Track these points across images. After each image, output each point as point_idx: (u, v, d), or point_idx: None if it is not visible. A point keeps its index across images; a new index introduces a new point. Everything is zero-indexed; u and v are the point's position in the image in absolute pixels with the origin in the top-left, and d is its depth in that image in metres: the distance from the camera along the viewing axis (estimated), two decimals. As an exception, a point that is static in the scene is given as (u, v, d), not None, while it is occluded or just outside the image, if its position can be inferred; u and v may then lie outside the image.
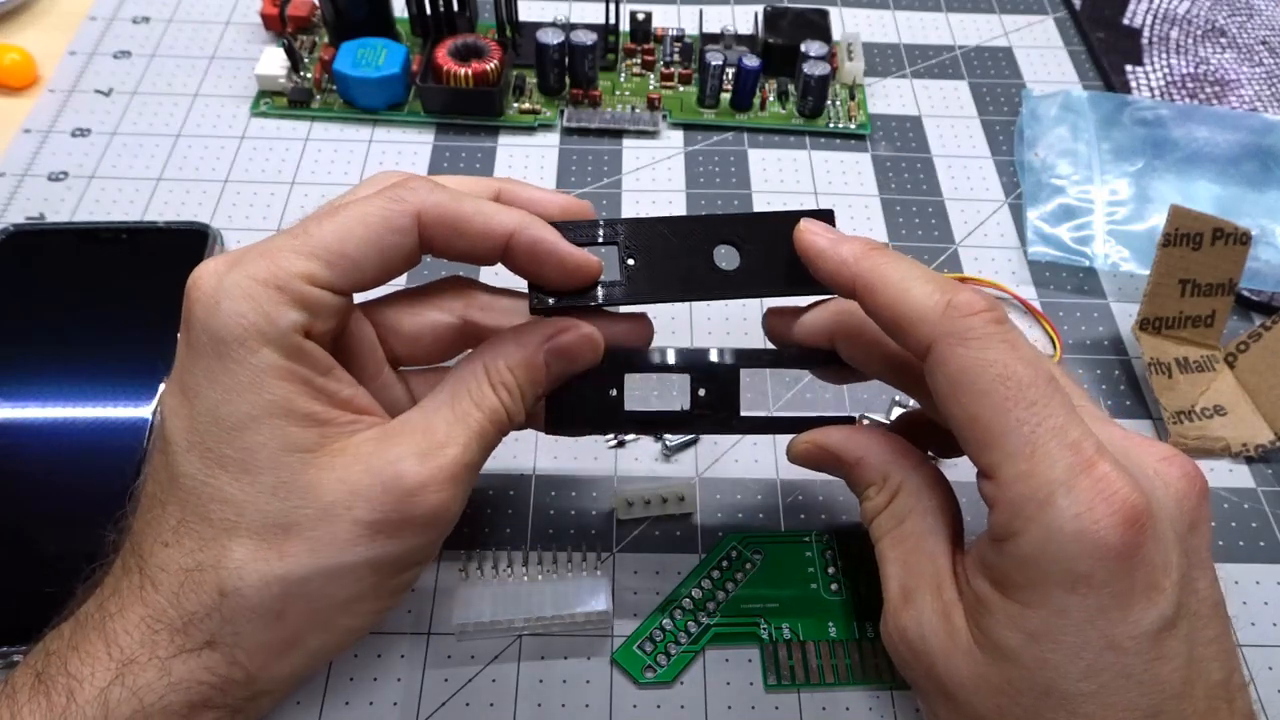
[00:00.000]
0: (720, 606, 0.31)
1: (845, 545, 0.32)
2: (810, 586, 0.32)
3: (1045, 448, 0.22)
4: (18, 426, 0.34)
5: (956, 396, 0.23)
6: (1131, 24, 0.54)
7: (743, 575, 0.32)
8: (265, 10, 0.49)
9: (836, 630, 0.31)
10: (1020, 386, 0.23)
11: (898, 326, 0.24)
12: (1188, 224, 0.37)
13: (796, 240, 0.27)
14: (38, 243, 0.39)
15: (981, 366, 0.23)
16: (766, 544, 0.32)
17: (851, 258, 0.26)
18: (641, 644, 0.30)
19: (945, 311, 0.23)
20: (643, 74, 0.49)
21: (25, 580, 0.31)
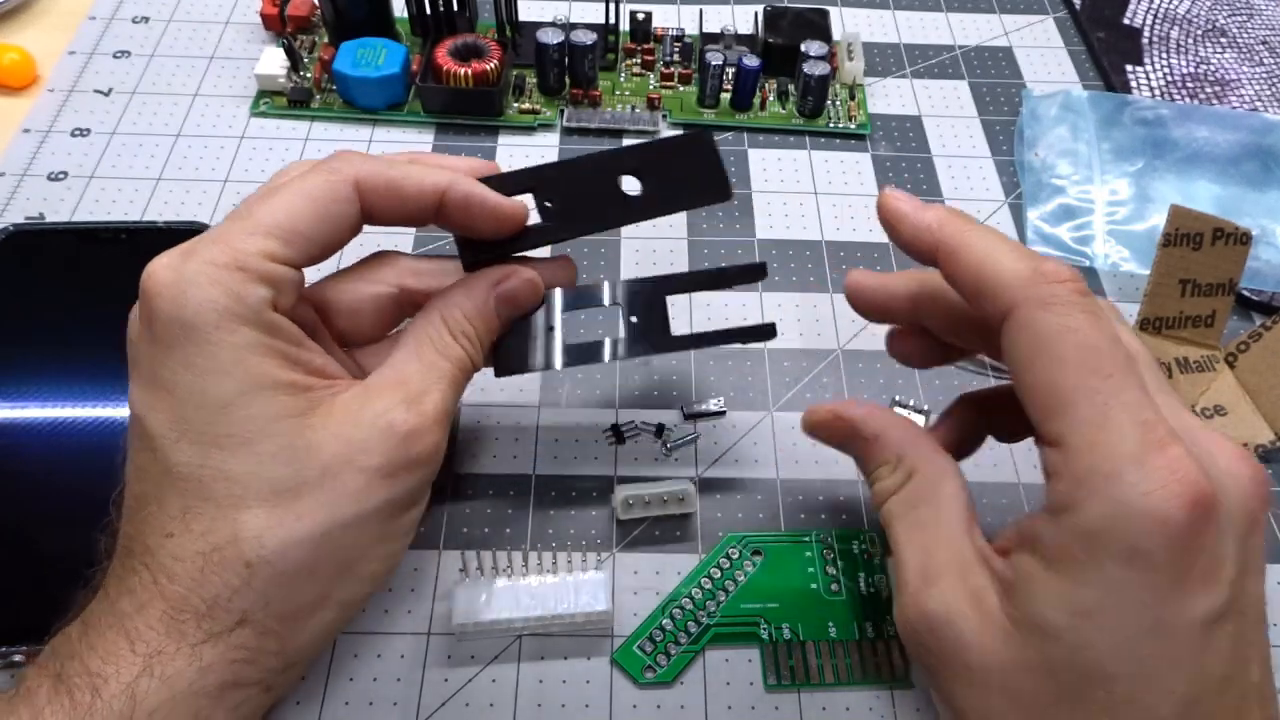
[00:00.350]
0: (720, 607, 0.31)
1: (845, 546, 0.32)
2: (811, 586, 0.32)
3: (1117, 420, 0.22)
4: (17, 426, 0.34)
5: (1032, 361, 0.23)
6: (1132, 24, 0.54)
7: (743, 576, 0.32)
8: (265, 10, 0.49)
9: (837, 630, 0.31)
10: (1099, 357, 0.22)
11: (980, 290, 0.24)
12: (1188, 224, 0.37)
13: (880, 206, 0.27)
14: (37, 242, 0.39)
15: (1062, 333, 0.23)
16: (766, 544, 0.32)
17: (936, 223, 0.26)
18: (641, 644, 0.30)
19: (1031, 276, 0.23)
20: (643, 74, 0.49)
21: (25, 580, 0.31)
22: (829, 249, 0.43)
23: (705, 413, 0.37)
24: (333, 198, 0.26)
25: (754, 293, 0.41)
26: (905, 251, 0.27)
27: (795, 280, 0.41)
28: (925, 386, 0.38)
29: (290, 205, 0.25)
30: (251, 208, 0.25)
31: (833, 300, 0.41)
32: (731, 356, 0.39)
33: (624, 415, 0.37)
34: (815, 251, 0.43)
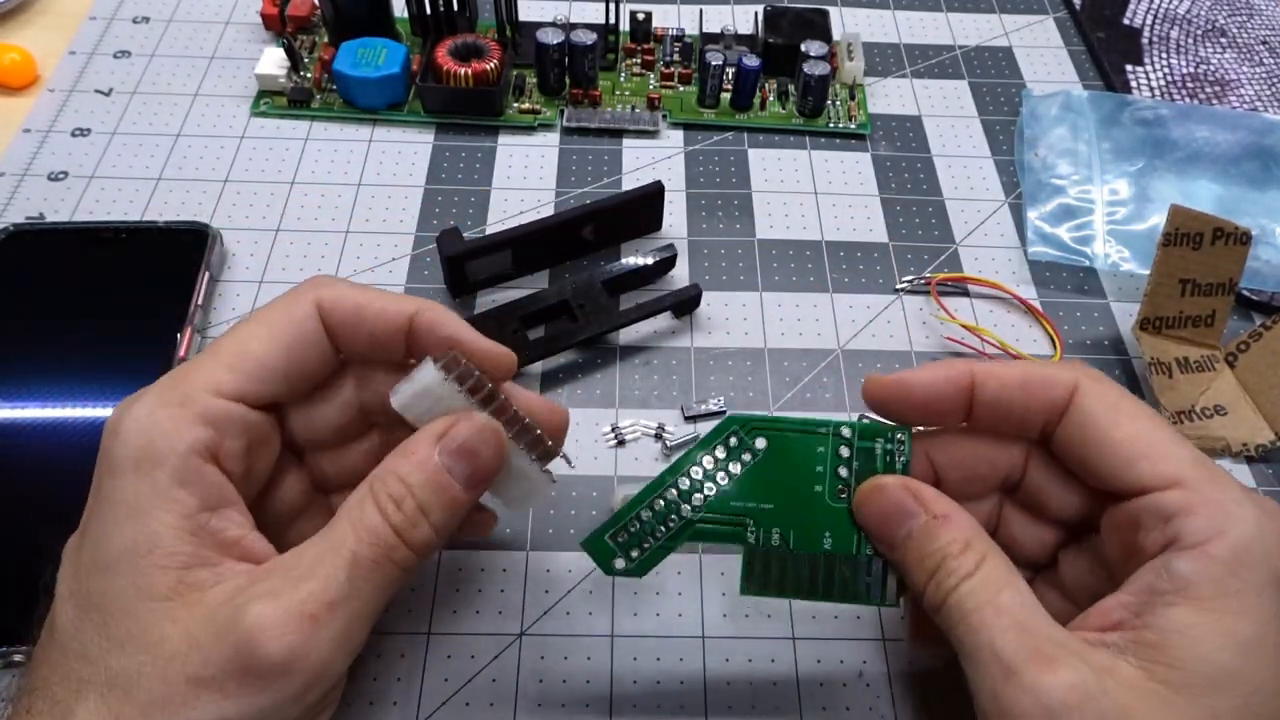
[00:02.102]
0: (707, 501, 0.27)
1: (868, 444, 0.27)
2: (815, 489, 0.27)
3: (1209, 463, 0.23)
4: (18, 426, 0.34)
5: (1118, 419, 0.24)
6: (1132, 24, 0.54)
7: (739, 467, 0.27)
8: (265, 10, 0.49)
9: (831, 542, 0.27)
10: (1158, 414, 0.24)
11: (1032, 386, 0.25)
12: (1188, 224, 0.37)
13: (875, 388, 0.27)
14: (38, 242, 0.39)
15: (1127, 397, 0.25)
16: (773, 432, 0.27)
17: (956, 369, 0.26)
18: (616, 534, 0.27)
19: (1075, 364, 0.26)
20: (643, 74, 0.49)
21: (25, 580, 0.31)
22: (829, 249, 0.43)
23: (705, 413, 0.37)
24: (291, 321, 0.24)
25: (754, 292, 0.41)
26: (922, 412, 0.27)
27: (795, 280, 0.41)
28: (925, 386, 0.38)
29: (247, 333, 0.24)
30: (217, 342, 0.24)
31: (832, 300, 0.41)
32: (731, 357, 0.39)
33: (624, 416, 0.37)
34: (815, 251, 0.43)
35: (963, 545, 0.24)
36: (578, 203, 0.43)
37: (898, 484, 0.26)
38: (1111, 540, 0.25)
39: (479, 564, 0.32)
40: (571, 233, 0.41)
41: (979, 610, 0.23)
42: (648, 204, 0.42)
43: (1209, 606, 0.21)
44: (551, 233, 0.40)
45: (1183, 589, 0.22)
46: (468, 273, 0.39)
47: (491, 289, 0.40)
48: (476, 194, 0.44)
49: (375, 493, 0.23)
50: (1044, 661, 0.21)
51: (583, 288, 0.39)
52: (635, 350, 0.39)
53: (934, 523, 0.25)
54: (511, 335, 0.37)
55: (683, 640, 0.31)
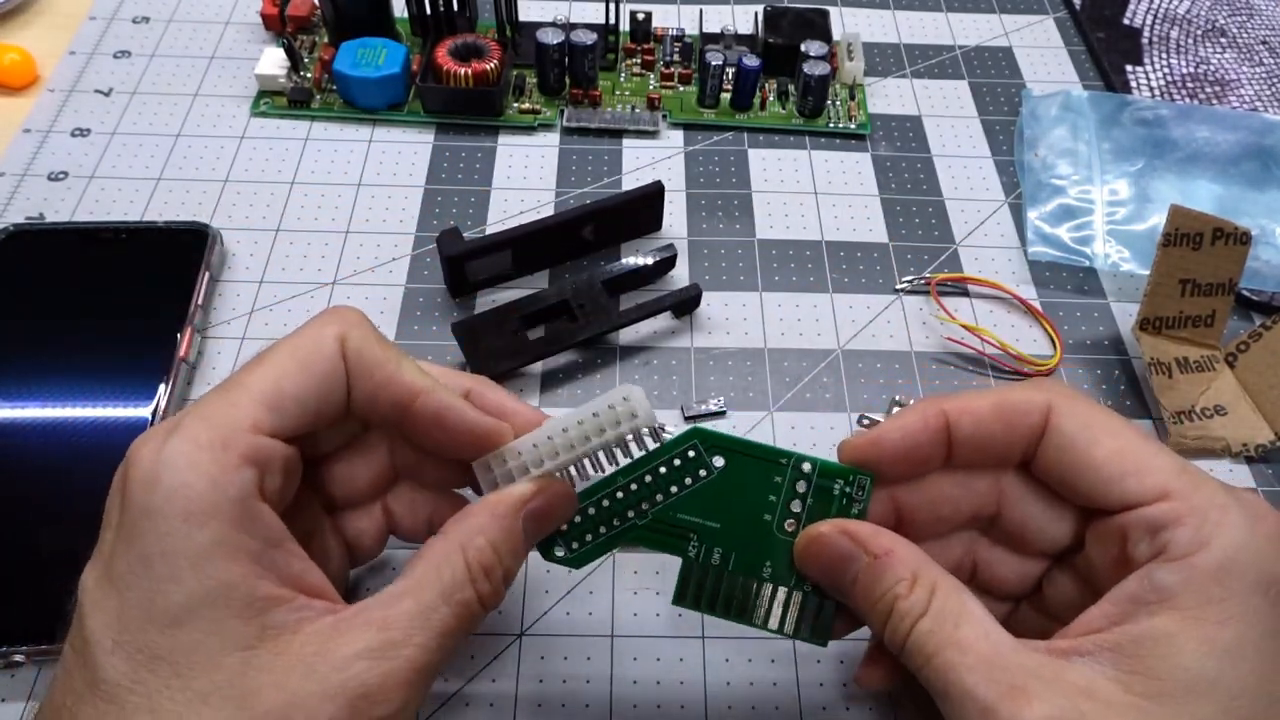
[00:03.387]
0: (654, 509, 0.27)
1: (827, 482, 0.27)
2: (764, 517, 0.27)
3: (1193, 470, 0.23)
4: (18, 426, 0.34)
5: (1097, 436, 0.24)
6: (1131, 24, 0.54)
7: (692, 481, 0.27)
8: (265, 10, 0.49)
9: (771, 571, 0.27)
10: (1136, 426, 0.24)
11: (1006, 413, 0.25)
12: (1188, 224, 0.37)
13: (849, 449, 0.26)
14: (37, 242, 0.39)
15: (1102, 412, 0.25)
16: (733, 453, 0.27)
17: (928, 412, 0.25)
18: None
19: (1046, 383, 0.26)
20: (643, 74, 0.49)
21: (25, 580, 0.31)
22: (829, 249, 0.43)
23: (705, 413, 0.37)
24: (319, 353, 0.24)
25: (754, 292, 0.41)
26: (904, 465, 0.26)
27: (795, 280, 0.41)
28: (926, 387, 0.38)
29: (276, 367, 0.23)
30: (239, 375, 0.23)
31: (832, 300, 0.41)
32: (731, 357, 0.39)
33: (624, 415, 0.37)
34: (815, 251, 0.43)
35: (910, 583, 0.23)
36: (578, 203, 0.43)
37: (832, 530, 0.25)
38: (1098, 555, 0.25)
39: (479, 564, 0.32)
40: (571, 233, 0.41)
41: (941, 651, 0.22)
42: (648, 204, 0.42)
43: (1191, 615, 0.21)
44: (551, 233, 0.40)
45: (1166, 599, 0.22)
46: (468, 273, 0.39)
47: (491, 289, 0.41)
48: (476, 194, 0.44)
49: (468, 560, 0.23)
50: (1019, 696, 0.21)
51: (583, 288, 0.39)
52: (635, 350, 0.39)
53: (876, 564, 0.24)
54: (512, 335, 0.37)
55: (682, 640, 0.31)
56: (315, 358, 0.24)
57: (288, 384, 0.23)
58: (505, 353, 0.37)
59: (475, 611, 0.23)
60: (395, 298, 0.40)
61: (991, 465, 0.26)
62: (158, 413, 0.34)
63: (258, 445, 0.22)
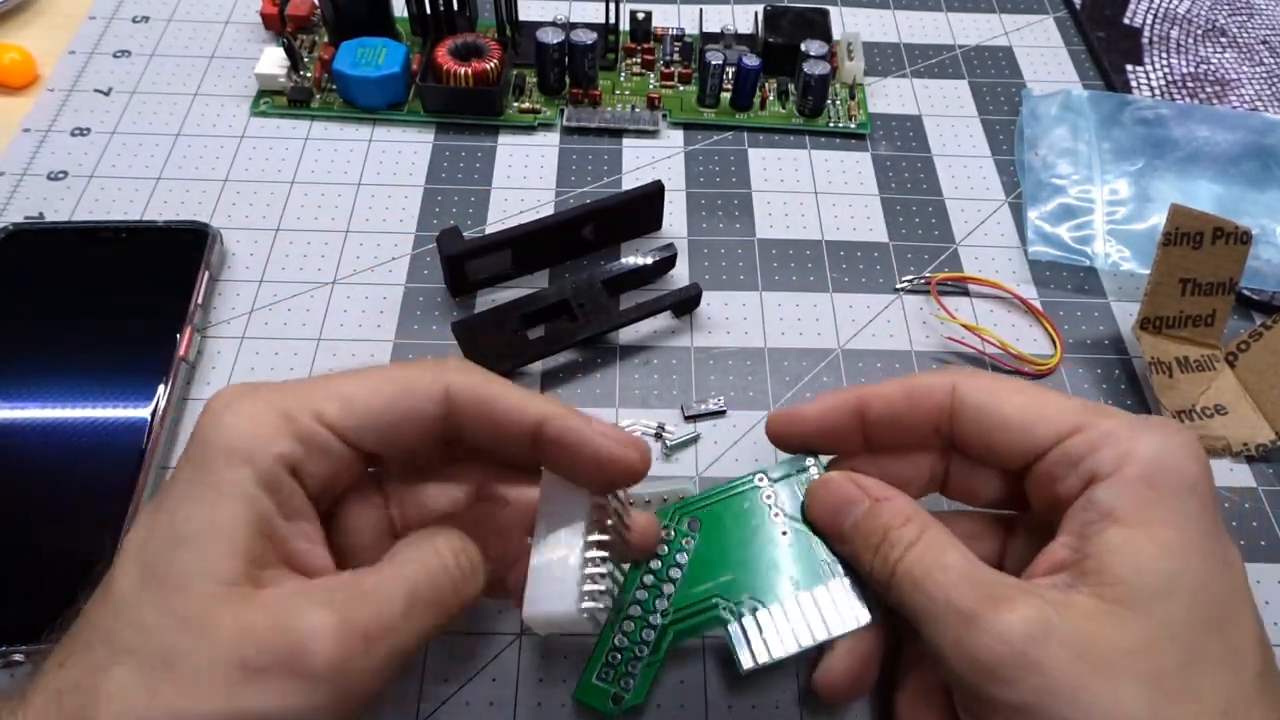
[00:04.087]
0: (671, 601, 0.27)
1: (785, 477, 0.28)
2: (759, 542, 0.28)
3: (1096, 405, 0.25)
4: (17, 426, 0.34)
5: (1002, 398, 0.26)
6: (1132, 23, 0.54)
7: (684, 555, 0.28)
8: (265, 9, 0.49)
9: (802, 581, 0.27)
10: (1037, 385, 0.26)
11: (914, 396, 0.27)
12: (1188, 223, 0.37)
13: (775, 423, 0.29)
14: (37, 242, 0.39)
15: (1004, 379, 0.27)
16: (698, 510, 0.28)
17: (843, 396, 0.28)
18: (601, 673, 0.27)
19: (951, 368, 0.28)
20: (643, 73, 0.49)
21: (25, 580, 0.31)
22: (829, 249, 0.43)
23: (705, 413, 0.37)
24: (416, 389, 0.24)
25: (754, 292, 0.41)
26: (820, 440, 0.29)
27: (795, 280, 0.41)
28: (925, 386, 0.38)
29: (368, 381, 0.24)
30: (334, 374, 0.24)
31: (832, 300, 0.41)
32: (731, 356, 0.39)
33: (624, 416, 0.37)
34: (815, 251, 0.43)
35: (904, 519, 0.25)
36: (578, 202, 0.43)
37: (842, 476, 0.28)
38: (1040, 504, 0.26)
39: (479, 564, 0.32)
40: (571, 232, 0.41)
41: (928, 574, 0.24)
42: (648, 204, 0.42)
43: (1134, 521, 0.23)
44: (551, 232, 0.40)
45: (1108, 514, 0.23)
46: (468, 272, 0.39)
47: (491, 289, 0.40)
48: (476, 194, 0.44)
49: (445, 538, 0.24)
50: (1001, 602, 0.22)
51: (583, 287, 0.39)
52: (635, 350, 0.39)
53: (876, 505, 0.26)
54: (511, 335, 0.37)
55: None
56: (409, 393, 0.24)
57: (370, 397, 0.24)
58: (505, 352, 0.37)
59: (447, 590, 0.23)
60: (395, 297, 0.40)
61: (912, 444, 0.28)
62: (157, 412, 0.34)
63: (313, 430, 0.23)
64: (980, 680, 0.22)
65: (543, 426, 0.24)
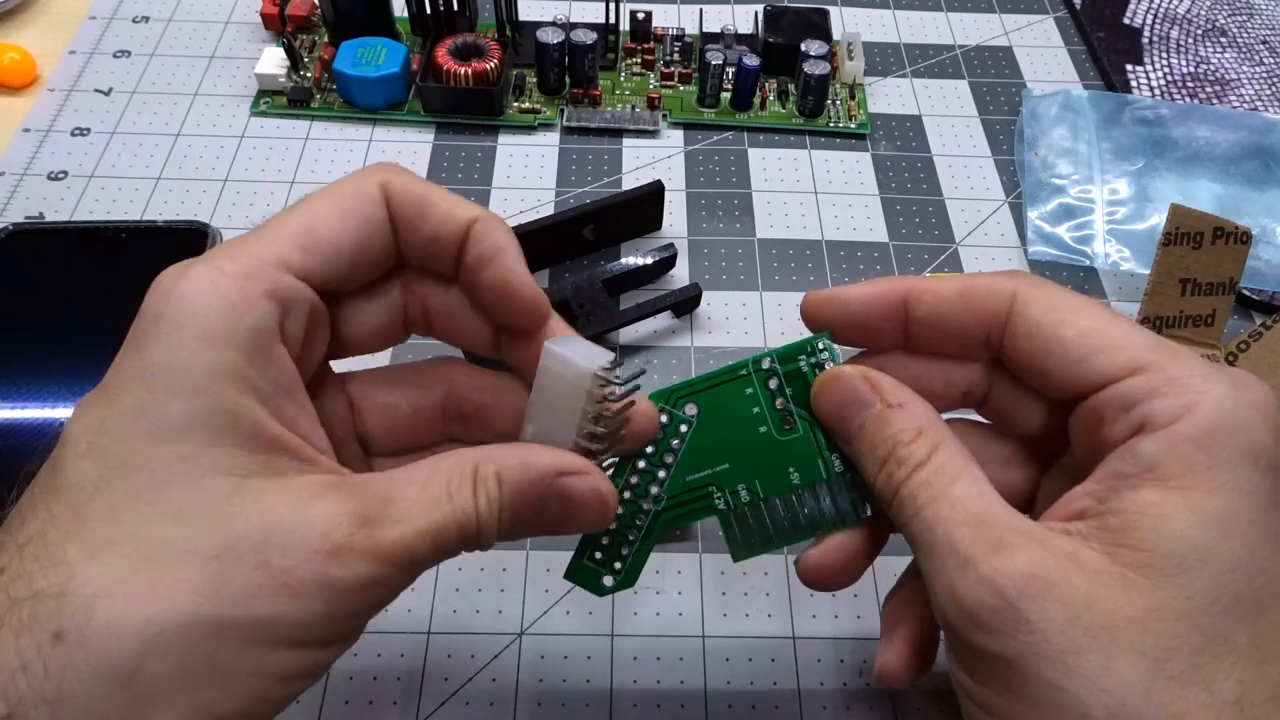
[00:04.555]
0: (664, 488, 0.26)
1: (792, 366, 0.26)
2: (760, 430, 0.26)
3: (1170, 344, 0.22)
4: (17, 426, 0.34)
5: (1065, 317, 0.23)
6: (1132, 23, 0.54)
7: (679, 442, 0.26)
8: (265, 10, 0.49)
9: (799, 475, 0.26)
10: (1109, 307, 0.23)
11: (969, 293, 0.24)
12: (1188, 223, 0.37)
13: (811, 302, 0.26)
14: (37, 242, 0.39)
15: (1071, 295, 0.23)
16: (697, 394, 0.26)
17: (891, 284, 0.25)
18: (590, 555, 0.26)
19: (1016, 273, 0.24)
20: (643, 73, 0.49)
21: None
22: (829, 249, 0.43)
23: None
24: (362, 201, 0.22)
25: (754, 292, 0.41)
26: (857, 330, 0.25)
27: (795, 280, 0.41)
28: (925, 386, 0.38)
29: (315, 209, 0.22)
30: (277, 216, 0.22)
31: (833, 300, 0.41)
32: (731, 356, 0.39)
33: (624, 415, 0.37)
34: (815, 251, 0.43)
35: (914, 433, 0.23)
36: (578, 202, 0.43)
37: (855, 372, 0.25)
38: (1081, 444, 0.23)
39: (479, 564, 0.32)
40: (571, 233, 0.41)
41: (933, 503, 0.22)
42: (648, 204, 0.42)
43: (1176, 485, 0.20)
44: (551, 232, 0.40)
45: (1148, 470, 0.21)
46: None
47: None
48: (476, 194, 0.44)
49: (477, 474, 0.21)
50: (1001, 550, 0.20)
51: (583, 288, 0.39)
52: (635, 350, 0.39)
53: (887, 411, 0.24)
54: None
55: (683, 640, 0.31)
56: (354, 202, 0.22)
57: (323, 227, 0.22)
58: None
59: (468, 527, 0.21)
60: (395, 297, 0.40)
61: (956, 351, 0.25)
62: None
63: (283, 282, 0.21)
64: (966, 627, 0.21)
65: (474, 225, 0.23)
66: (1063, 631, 0.20)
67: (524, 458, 0.22)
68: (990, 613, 0.20)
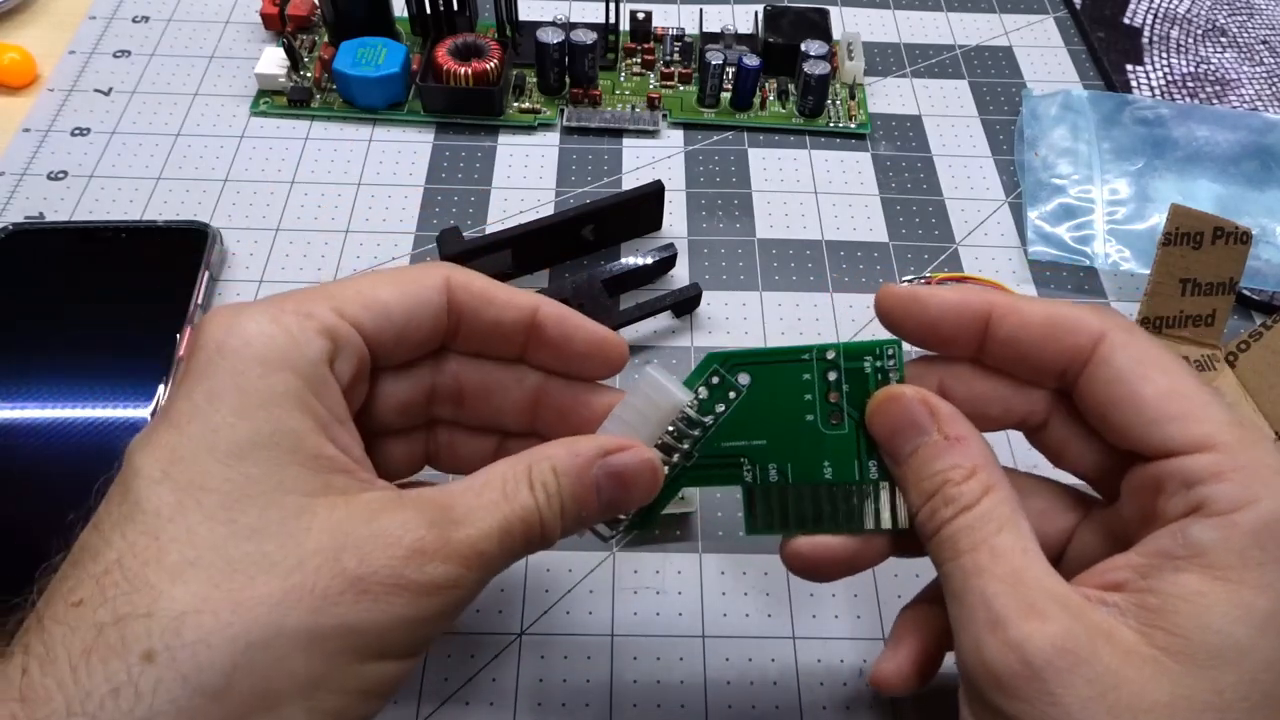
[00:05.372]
0: (697, 446, 0.26)
1: (856, 364, 0.25)
2: (806, 418, 0.25)
3: (1248, 427, 0.21)
4: (17, 426, 0.34)
5: (1149, 373, 0.22)
6: (1132, 23, 0.54)
7: (724, 407, 0.26)
8: (265, 9, 0.49)
9: (832, 471, 0.25)
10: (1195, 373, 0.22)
11: (1056, 329, 0.23)
12: (1188, 223, 0.37)
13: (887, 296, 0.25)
14: (37, 242, 0.39)
15: (1160, 350, 0.23)
16: (755, 366, 0.26)
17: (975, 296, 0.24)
18: None
19: (1106, 311, 0.24)
20: (643, 73, 0.49)
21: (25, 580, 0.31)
22: (829, 249, 0.43)
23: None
24: (419, 282, 0.23)
25: (754, 292, 0.41)
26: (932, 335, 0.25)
27: (795, 280, 0.41)
28: (925, 386, 0.38)
29: (373, 279, 0.23)
30: (338, 281, 0.23)
31: (832, 300, 0.41)
32: (731, 356, 0.39)
33: (624, 415, 0.37)
34: (815, 251, 0.43)
35: (967, 472, 0.22)
36: (578, 202, 0.43)
37: (915, 396, 0.24)
38: (1130, 506, 0.23)
39: (479, 564, 0.32)
40: (571, 232, 0.41)
41: (974, 550, 0.21)
42: (648, 204, 0.42)
43: (1225, 576, 0.20)
44: (551, 232, 0.40)
45: (1197, 555, 0.20)
46: None
47: None
48: (476, 194, 0.44)
49: (531, 472, 0.22)
50: (1034, 616, 0.20)
51: (583, 288, 0.39)
52: (635, 349, 0.39)
53: (943, 443, 0.23)
54: None
55: (683, 640, 0.31)
56: (414, 281, 0.23)
57: (380, 292, 0.23)
58: None
59: (532, 524, 0.22)
60: (395, 297, 0.40)
61: (1027, 376, 0.24)
62: (157, 412, 0.34)
63: (335, 324, 0.22)
64: (988, 685, 0.20)
65: (538, 312, 0.24)
66: (1085, 708, 0.19)
67: (569, 447, 0.23)
68: (1015, 679, 0.20)
